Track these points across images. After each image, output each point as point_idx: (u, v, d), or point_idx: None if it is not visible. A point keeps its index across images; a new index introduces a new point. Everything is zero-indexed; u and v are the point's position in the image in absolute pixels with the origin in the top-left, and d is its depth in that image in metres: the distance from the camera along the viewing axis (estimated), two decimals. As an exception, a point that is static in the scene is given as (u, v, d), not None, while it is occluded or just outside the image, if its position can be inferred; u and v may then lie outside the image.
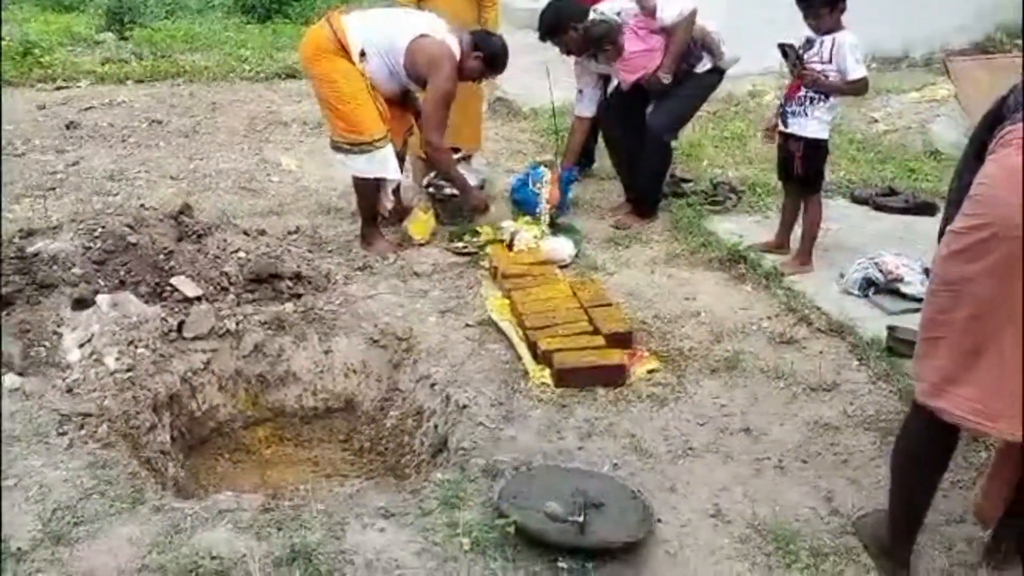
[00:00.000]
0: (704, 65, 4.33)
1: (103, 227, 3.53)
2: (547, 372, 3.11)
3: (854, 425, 2.86)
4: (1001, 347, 1.90)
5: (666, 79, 4.21)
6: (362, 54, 3.90)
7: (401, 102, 4.20)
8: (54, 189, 5.00)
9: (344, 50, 3.88)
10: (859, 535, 2.37)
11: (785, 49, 3.71)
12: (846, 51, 3.61)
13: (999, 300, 1.88)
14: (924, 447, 2.15)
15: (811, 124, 3.76)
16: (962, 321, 1.94)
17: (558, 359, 3.11)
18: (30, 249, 3.42)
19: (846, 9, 3.62)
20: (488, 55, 4.09)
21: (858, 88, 3.76)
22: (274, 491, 2.61)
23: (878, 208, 4.59)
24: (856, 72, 3.65)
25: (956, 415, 1.99)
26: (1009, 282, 1.86)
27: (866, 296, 3.66)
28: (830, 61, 3.65)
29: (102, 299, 3.24)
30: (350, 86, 3.90)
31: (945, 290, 1.97)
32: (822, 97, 3.71)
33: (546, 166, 4.64)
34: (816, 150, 3.82)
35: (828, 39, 3.64)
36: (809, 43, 3.71)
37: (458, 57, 3.99)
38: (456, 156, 4.43)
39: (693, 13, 4.17)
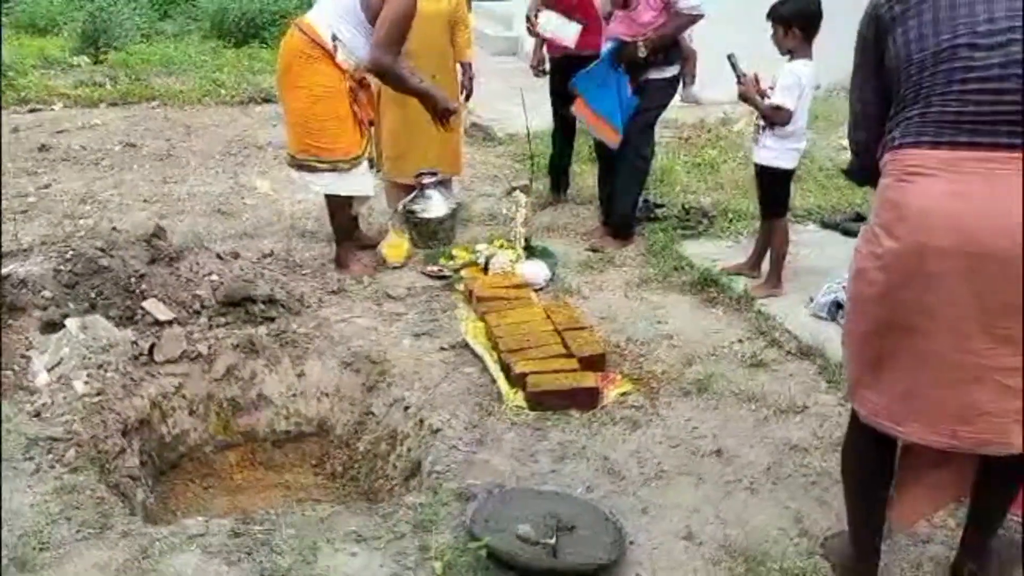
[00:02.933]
0: (669, 71, 4.36)
1: (74, 250, 3.51)
2: (521, 395, 3.12)
3: (823, 447, 2.89)
4: (900, 363, 1.97)
5: (642, 52, 4.20)
6: (334, 38, 3.79)
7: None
8: (25, 212, 4.96)
9: (320, 46, 3.79)
10: (828, 555, 2.39)
11: (730, 60, 3.80)
12: (780, 77, 3.68)
13: (893, 321, 1.95)
14: (863, 455, 2.20)
15: (760, 151, 3.86)
16: (862, 335, 2.04)
17: (532, 382, 3.12)
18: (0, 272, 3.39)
19: (805, 35, 3.64)
20: None
21: (774, 116, 3.72)
22: (244, 516, 2.58)
23: (846, 233, 4.67)
24: (775, 97, 3.69)
25: (868, 416, 2.06)
26: (900, 306, 1.93)
27: (835, 319, 3.71)
28: (773, 87, 3.74)
29: (71, 322, 3.21)
30: (333, 103, 3.83)
31: (851, 304, 2.08)
32: (767, 126, 3.78)
33: (521, 191, 4.68)
34: (768, 176, 3.89)
35: (783, 67, 3.72)
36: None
37: None
38: (433, 180, 4.46)
39: (700, 17, 4.24)
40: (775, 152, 3.82)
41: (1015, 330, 1.85)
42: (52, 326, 3.19)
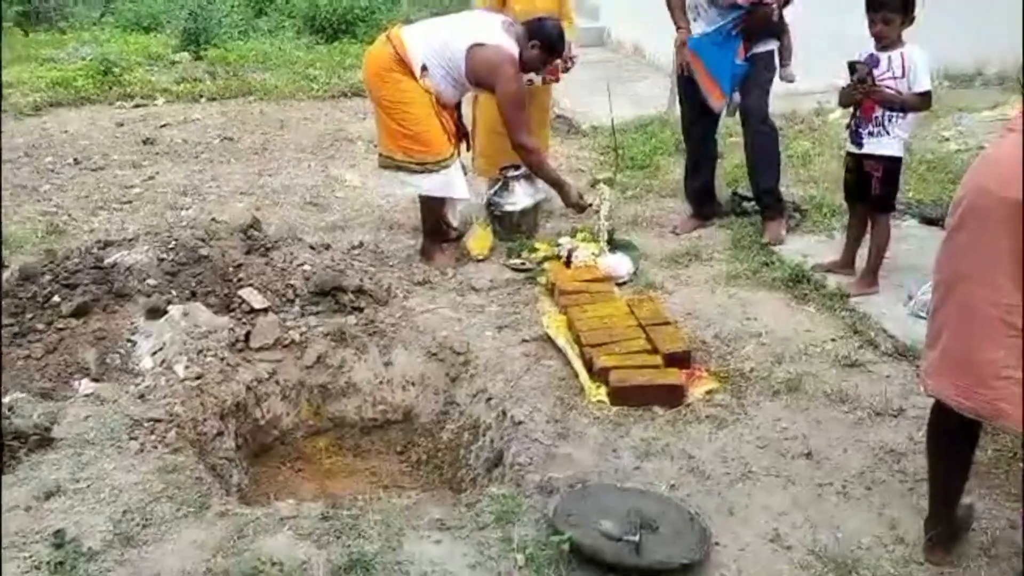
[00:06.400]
0: (772, 44, 4.31)
1: (176, 240, 3.66)
2: (603, 390, 3.11)
3: (921, 452, 2.75)
4: (946, 315, 2.11)
5: (775, 16, 4.15)
6: (423, 68, 3.94)
7: (455, 111, 4.24)
8: (131, 203, 5.21)
9: (406, 66, 3.93)
10: None
11: (855, 67, 3.65)
12: (920, 63, 3.56)
13: (950, 269, 2.11)
14: (936, 421, 2.28)
15: (890, 142, 3.71)
16: (933, 289, 2.19)
17: (615, 377, 3.10)
18: (108, 260, 3.57)
19: (911, 23, 3.55)
20: (544, 41, 4.07)
21: (926, 102, 3.67)
22: (333, 500, 2.66)
23: (948, 229, 4.46)
24: (926, 84, 3.59)
25: (921, 373, 2.27)
26: (956, 250, 2.08)
27: (935, 319, 3.56)
28: (903, 76, 3.59)
29: (174, 309, 3.36)
30: (418, 108, 3.94)
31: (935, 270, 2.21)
32: (901, 114, 3.65)
33: (605, 184, 4.64)
34: (894, 168, 3.77)
35: (896, 54, 3.58)
36: (875, 60, 3.64)
37: (516, 53, 4.00)
38: (516, 173, 4.47)
39: None
40: (900, 141, 3.72)
41: None
42: (156, 312, 3.34)
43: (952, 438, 2.24)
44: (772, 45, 4.33)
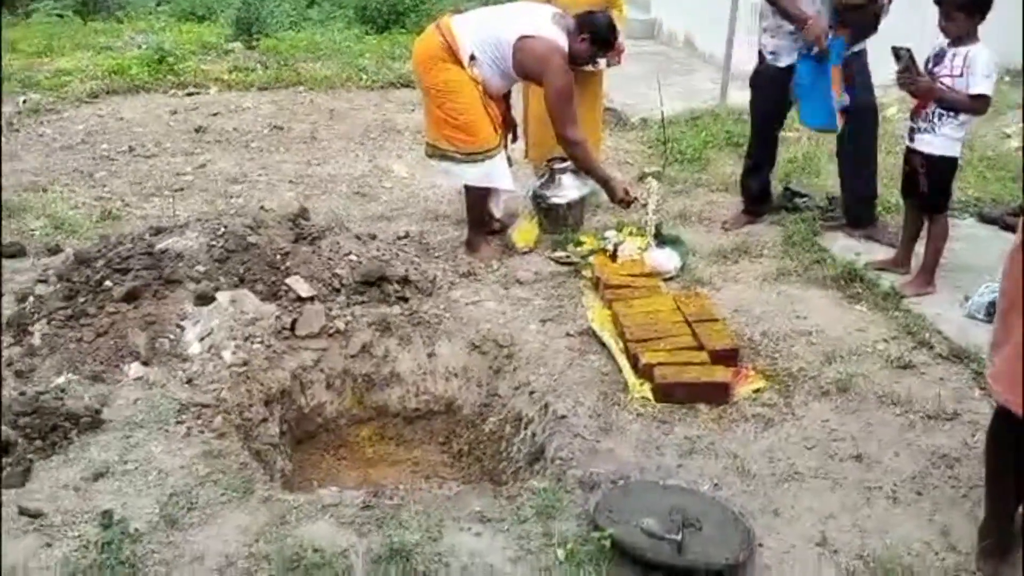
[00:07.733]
0: (863, 44, 4.17)
1: (225, 227, 3.71)
2: (647, 386, 3.07)
3: (975, 457, 2.69)
4: (1015, 326, 2.07)
5: (885, 12, 4.01)
6: (472, 58, 3.93)
7: (504, 102, 4.22)
8: (182, 190, 5.29)
9: (454, 55, 3.92)
10: None
11: (899, 53, 3.55)
12: (978, 65, 3.43)
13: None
14: (996, 435, 2.24)
15: (938, 141, 3.59)
16: (1004, 293, 2.19)
17: (659, 373, 3.06)
18: (159, 246, 3.62)
19: (982, 19, 3.43)
20: (594, 34, 4.04)
21: (977, 106, 3.51)
22: (375, 489, 2.67)
23: (1008, 228, 4.32)
24: (980, 87, 3.44)
25: (987, 378, 2.24)
26: None
27: (992, 321, 3.44)
28: (960, 75, 3.47)
29: (222, 296, 3.40)
30: (466, 97, 3.94)
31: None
32: (951, 113, 3.53)
33: (654, 177, 4.58)
34: (942, 168, 3.64)
35: (962, 51, 3.46)
36: (940, 55, 3.53)
37: (566, 45, 3.97)
38: (563, 165, 4.43)
39: None
40: (952, 141, 3.59)
41: None
42: (204, 298, 3.39)
43: (1014, 445, 2.17)
44: (864, 45, 4.15)
